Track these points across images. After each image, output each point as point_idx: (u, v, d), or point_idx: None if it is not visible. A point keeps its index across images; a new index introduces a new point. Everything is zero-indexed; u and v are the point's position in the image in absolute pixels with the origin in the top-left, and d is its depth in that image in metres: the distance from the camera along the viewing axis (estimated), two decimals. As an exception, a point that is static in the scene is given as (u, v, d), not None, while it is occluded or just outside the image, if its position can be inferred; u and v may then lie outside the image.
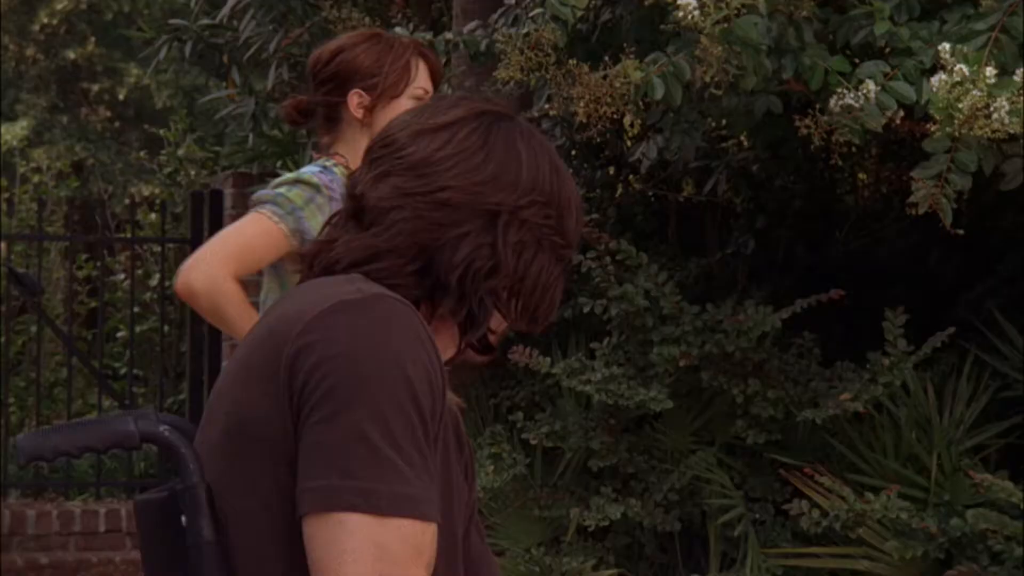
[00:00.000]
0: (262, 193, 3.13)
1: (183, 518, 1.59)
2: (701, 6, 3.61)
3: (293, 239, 3.03)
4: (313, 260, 1.70)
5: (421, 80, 3.16)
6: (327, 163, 3.17)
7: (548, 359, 5.28)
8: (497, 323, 1.72)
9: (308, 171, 3.14)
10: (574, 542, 5.43)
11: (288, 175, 3.16)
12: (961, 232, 3.75)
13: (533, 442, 5.46)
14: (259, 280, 3.23)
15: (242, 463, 1.56)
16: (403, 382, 1.51)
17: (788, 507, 4.96)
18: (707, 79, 3.79)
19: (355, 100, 3.15)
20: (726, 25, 3.61)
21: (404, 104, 3.08)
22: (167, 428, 1.62)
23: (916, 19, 3.89)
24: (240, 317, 2.97)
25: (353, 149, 3.13)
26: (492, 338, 1.73)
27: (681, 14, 3.63)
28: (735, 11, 3.62)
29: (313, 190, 3.08)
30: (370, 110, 3.14)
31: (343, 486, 1.47)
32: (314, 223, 2.98)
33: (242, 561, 1.56)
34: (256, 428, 1.55)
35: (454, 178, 1.66)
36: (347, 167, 3.11)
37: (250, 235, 3.06)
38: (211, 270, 2.98)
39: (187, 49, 7.59)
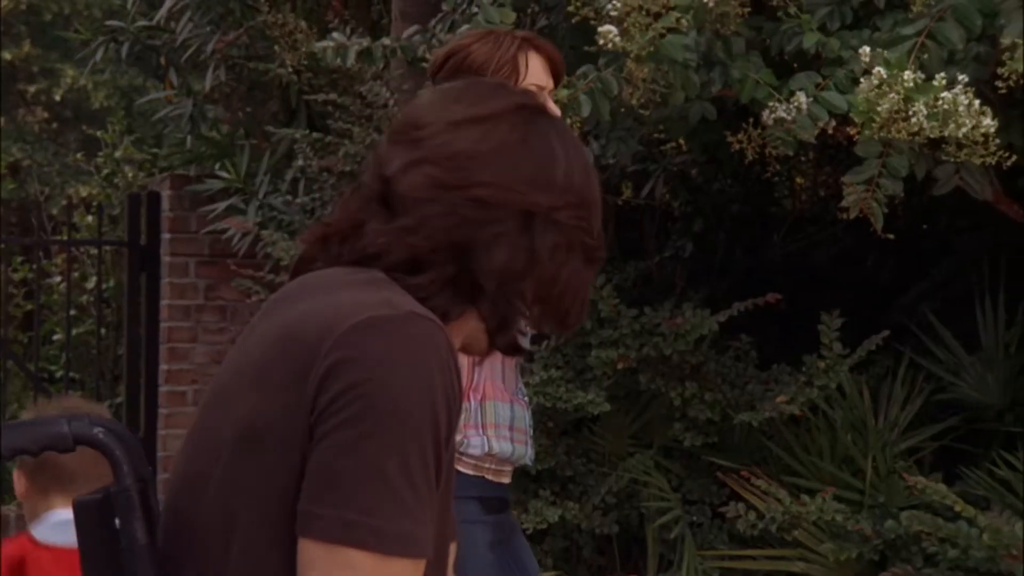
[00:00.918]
0: None
1: (117, 520, 1.59)
2: (623, 32, 3.58)
3: None
4: (342, 243, 1.66)
5: (533, 75, 2.94)
6: None
7: (487, 362, 5.28)
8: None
9: None
10: (512, 545, 5.43)
11: None
12: (893, 237, 3.77)
13: (472, 445, 5.45)
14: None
15: (254, 469, 1.55)
16: (428, 412, 1.50)
17: (725, 509, 4.98)
18: (634, 102, 3.76)
19: None
20: (652, 49, 3.58)
21: None
22: (101, 430, 1.61)
23: (848, 27, 3.91)
24: None
25: None
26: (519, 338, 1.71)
27: (603, 41, 3.61)
28: (661, 33, 3.59)
29: None
30: None
31: (357, 522, 1.47)
32: None
33: (241, 567, 1.56)
34: (274, 437, 1.54)
35: (492, 175, 1.62)
36: None
37: None
38: None
39: (124, 50, 7.55)
